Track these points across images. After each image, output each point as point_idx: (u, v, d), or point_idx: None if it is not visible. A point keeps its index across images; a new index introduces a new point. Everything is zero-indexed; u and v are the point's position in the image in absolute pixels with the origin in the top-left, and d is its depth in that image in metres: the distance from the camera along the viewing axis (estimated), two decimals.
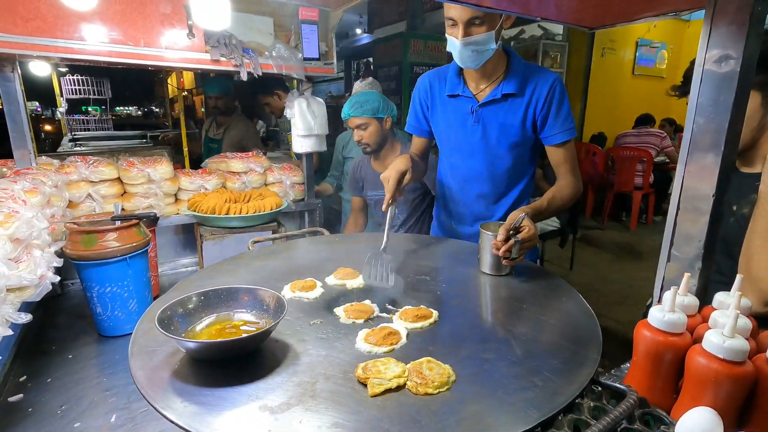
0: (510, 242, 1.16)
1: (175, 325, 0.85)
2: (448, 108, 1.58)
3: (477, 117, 1.51)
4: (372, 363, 0.79)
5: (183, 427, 0.63)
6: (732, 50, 0.73)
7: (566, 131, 1.46)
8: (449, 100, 1.57)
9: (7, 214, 1.10)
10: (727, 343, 0.64)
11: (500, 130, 1.50)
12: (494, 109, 1.49)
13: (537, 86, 1.44)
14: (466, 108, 1.53)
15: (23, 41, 1.54)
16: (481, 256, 1.26)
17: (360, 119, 2.15)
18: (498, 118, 1.49)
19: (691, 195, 0.80)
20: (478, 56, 1.38)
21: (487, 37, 1.33)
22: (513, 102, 1.46)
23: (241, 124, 3.61)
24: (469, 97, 1.52)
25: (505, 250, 1.16)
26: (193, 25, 1.82)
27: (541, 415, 0.66)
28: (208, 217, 1.80)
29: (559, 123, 1.45)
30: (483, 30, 1.32)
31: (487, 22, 1.31)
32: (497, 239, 1.17)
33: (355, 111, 2.15)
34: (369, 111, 2.13)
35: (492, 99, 1.47)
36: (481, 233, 1.24)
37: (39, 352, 1.42)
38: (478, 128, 1.52)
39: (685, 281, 0.76)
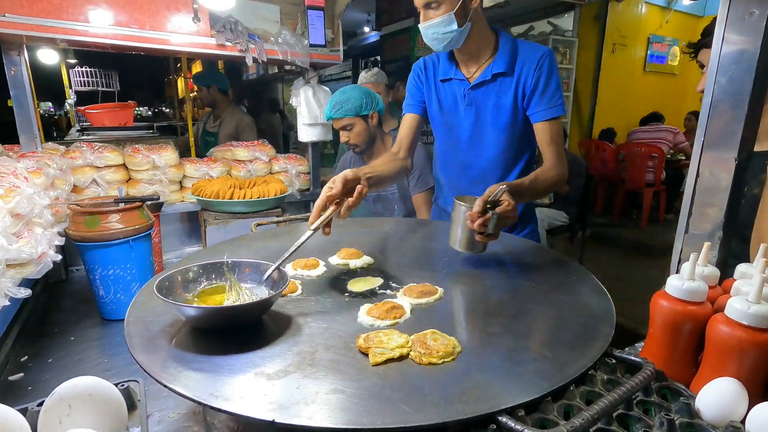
0: (487, 215, 1.05)
1: (174, 295, 0.83)
2: (441, 92, 1.56)
3: (470, 100, 1.48)
4: (374, 333, 0.76)
5: (173, 388, 0.61)
6: (756, 6, 0.69)
7: (554, 108, 1.40)
8: (442, 84, 1.55)
9: (7, 188, 1.09)
10: (753, 308, 0.60)
11: (494, 112, 1.47)
12: (486, 90, 1.46)
13: (526, 62, 1.41)
14: (459, 91, 1.50)
15: (29, 22, 1.54)
16: (452, 230, 1.14)
17: (343, 120, 2.02)
18: (490, 99, 1.46)
19: (712, 161, 0.76)
20: (441, 39, 1.36)
21: (444, 20, 1.32)
22: (504, 81, 1.43)
23: (235, 116, 3.62)
24: (461, 80, 1.49)
25: (480, 223, 1.04)
26: (199, 8, 1.81)
27: (551, 386, 0.62)
28: (212, 202, 1.79)
29: (546, 99, 1.40)
30: (440, 13, 1.31)
31: (444, 5, 1.30)
32: (473, 210, 1.05)
33: (336, 112, 2.00)
34: (351, 110, 1.99)
35: (483, 80, 1.44)
36: (456, 204, 1.12)
37: (41, 334, 1.42)
38: (471, 111, 1.49)
39: (705, 250, 0.72)
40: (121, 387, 0.56)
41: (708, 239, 0.76)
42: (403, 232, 1.47)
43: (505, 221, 1.10)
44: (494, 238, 1.10)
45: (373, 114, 2.05)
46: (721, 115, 0.73)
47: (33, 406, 0.52)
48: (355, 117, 2.01)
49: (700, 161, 0.77)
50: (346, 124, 2.02)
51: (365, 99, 2.02)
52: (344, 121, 2.01)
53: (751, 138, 0.73)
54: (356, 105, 2.00)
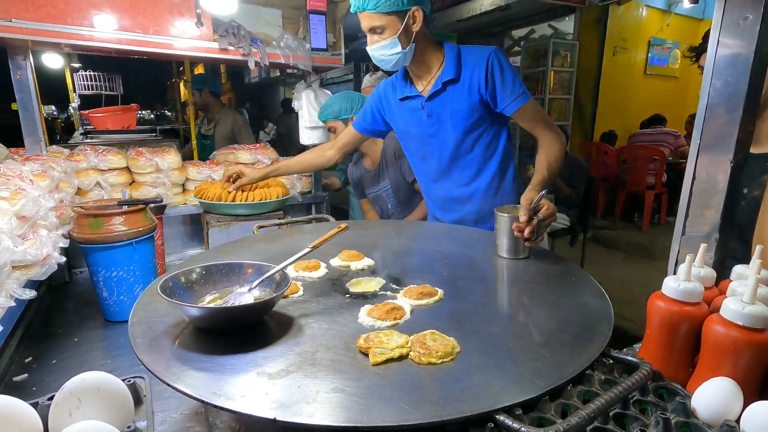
0: (533, 222, 1.14)
1: (177, 296, 0.84)
2: (402, 110, 1.64)
3: (428, 111, 1.55)
4: (374, 334, 0.77)
5: (177, 387, 0.62)
6: (750, 11, 0.70)
7: (519, 97, 1.46)
8: (401, 103, 1.62)
9: (13, 191, 1.11)
10: (747, 309, 0.60)
11: (452, 117, 1.53)
12: (440, 99, 1.53)
13: (475, 67, 1.46)
14: (417, 105, 1.58)
15: (34, 27, 1.56)
16: (499, 240, 1.22)
17: (328, 123, 2.19)
18: (446, 106, 1.53)
19: (708, 164, 0.77)
20: (387, 60, 1.44)
21: (389, 43, 1.39)
22: (455, 88, 1.50)
23: (229, 118, 3.66)
24: (416, 96, 1.57)
25: (530, 231, 1.14)
26: (202, 14, 1.83)
27: (548, 385, 0.63)
28: (214, 204, 1.80)
29: (507, 92, 1.45)
30: (386, 36, 1.39)
31: (388, 30, 1.38)
32: (521, 221, 1.14)
33: (321, 115, 2.20)
34: (331, 114, 2.14)
35: (435, 90, 1.51)
36: (498, 217, 1.21)
37: (45, 335, 1.43)
38: (432, 121, 1.57)
39: (702, 252, 0.73)
40: (127, 382, 0.57)
41: (705, 241, 0.77)
42: (403, 234, 1.48)
43: (548, 222, 1.20)
44: (540, 242, 1.21)
45: (353, 117, 2.08)
46: (717, 118, 0.74)
47: (44, 400, 0.54)
48: (335, 120, 2.15)
49: (696, 164, 0.78)
50: (330, 126, 2.19)
51: (344, 104, 2.14)
52: (329, 123, 2.19)
53: (746, 140, 0.74)
54: (335, 109, 2.13)
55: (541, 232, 1.17)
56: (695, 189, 0.79)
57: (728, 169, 0.74)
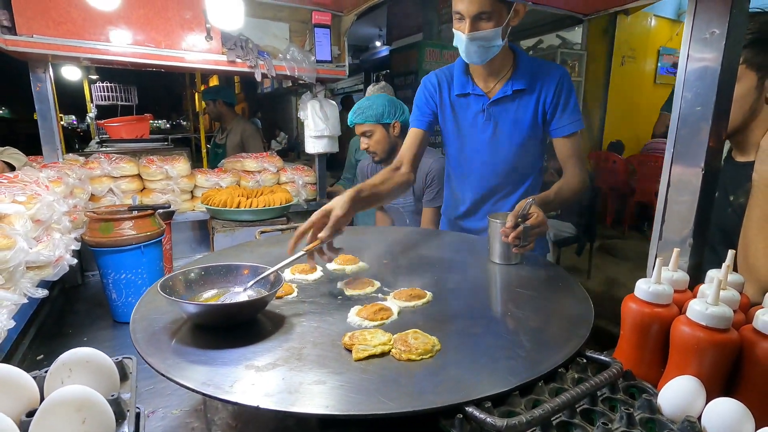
0: (519, 228, 1.16)
1: (177, 294, 0.89)
2: (457, 107, 1.58)
3: (488, 115, 1.52)
4: (359, 332, 0.80)
5: (170, 377, 0.66)
6: (717, 26, 0.74)
7: (574, 123, 1.47)
8: (458, 99, 1.57)
9: (30, 195, 1.18)
10: (710, 310, 0.63)
11: (512, 127, 1.51)
12: (505, 106, 1.50)
13: (545, 81, 1.46)
14: (477, 106, 1.54)
15: (55, 42, 1.65)
16: (491, 245, 1.25)
17: (364, 126, 2.00)
18: (509, 114, 1.50)
19: (680, 171, 0.80)
20: (484, 51, 1.38)
21: (493, 33, 1.33)
22: (523, 98, 1.48)
23: (239, 127, 3.77)
24: (479, 95, 1.52)
25: (513, 236, 1.15)
26: (211, 28, 1.92)
27: (519, 381, 0.66)
28: (219, 210, 1.87)
29: (566, 115, 1.46)
30: (490, 25, 1.32)
31: (495, 18, 1.31)
32: (506, 226, 1.17)
33: (358, 117, 2.01)
34: (372, 117, 1.98)
35: (503, 96, 1.48)
36: (490, 222, 1.24)
37: (57, 335, 1.50)
38: (490, 126, 1.53)
39: (675, 256, 0.75)
40: (115, 360, 0.64)
41: (680, 245, 0.80)
42: (398, 240, 1.52)
43: (537, 231, 1.19)
44: (530, 248, 1.20)
45: (395, 123, 2.02)
46: (689, 128, 0.77)
47: (41, 373, 0.63)
48: (375, 124, 1.99)
49: (670, 171, 0.81)
50: (366, 130, 2.01)
51: (388, 107, 2.00)
52: (364, 127, 2.00)
53: (717, 148, 0.77)
54: (378, 112, 1.98)
55: (530, 239, 1.18)
56: (670, 195, 0.81)
57: (700, 176, 0.77)
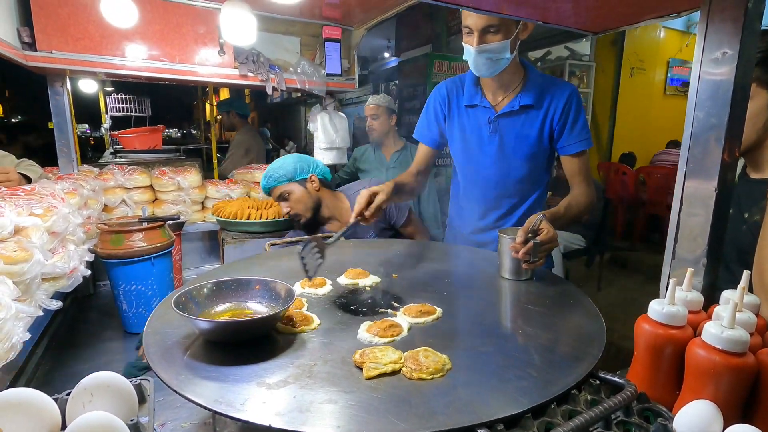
0: (529, 244, 1.14)
1: (189, 310, 0.90)
2: (464, 118, 1.59)
3: (494, 127, 1.52)
4: (370, 350, 0.80)
5: (183, 394, 0.67)
6: (728, 47, 0.74)
7: (582, 141, 1.47)
8: (466, 110, 1.58)
9: (46, 208, 1.20)
10: (726, 333, 0.62)
11: (517, 141, 1.51)
12: (512, 120, 1.50)
13: (554, 98, 1.46)
14: (484, 118, 1.54)
15: (73, 57, 1.70)
16: (501, 260, 1.24)
17: (279, 188, 1.87)
18: (515, 128, 1.51)
19: (693, 190, 0.79)
20: (492, 64, 1.40)
21: (501, 46, 1.34)
22: (530, 113, 1.48)
23: (241, 135, 3.84)
24: (486, 107, 1.53)
25: (524, 252, 1.14)
26: (224, 43, 1.96)
27: (531, 402, 0.65)
28: (230, 222, 1.89)
29: (575, 133, 1.46)
30: (498, 38, 1.33)
31: (503, 31, 1.32)
32: (516, 242, 1.16)
33: (270, 182, 1.87)
34: (285, 177, 1.86)
35: (510, 110, 1.49)
36: (500, 237, 1.23)
37: (69, 345, 1.51)
38: (495, 138, 1.54)
39: (688, 276, 0.75)
40: (133, 382, 0.64)
41: (693, 265, 0.79)
42: (406, 253, 1.52)
43: (547, 247, 1.18)
44: (540, 265, 1.19)
45: (312, 177, 1.90)
46: (701, 147, 0.77)
47: (62, 395, 0.63)
48: (289, 183, 1.86)
49: (683, 190, 0.80)
50: (282, 191, 1.87)
51: (299, 163, 1.90)
52: (280, 189, 1.87)
53: (730, 168, 0.76)
54: (288, 171, 1.87)
55: (540, 255, 1.17)
56: (683, 214, 0.81)
57: (713, 195, 0.76)
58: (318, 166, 1.96)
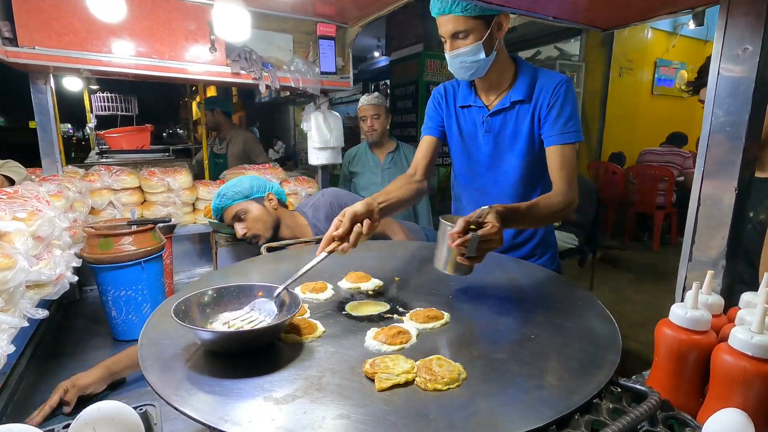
0: (467, 236, 0.99)
1: (189, 319, 0.85)
2: (461, 118, 1.59)
3: (488, 127, 1.51)
4: (380, 359, 0.77)
5: (184, 411, 0.62)
6: (749, 43, 0.72)
7: (566, 134, 1.40)
8: (462, 111, 1.57)
9: (30, 212, 1.14)
10: (756, 339, 0.60)
11: (511, 139, 1.49)
12: (504, 117, 1.48)
13: (543, 88, 1.43)
14: (478, 118, 1.53)
15: (57, 54, 1.62)
16: (437, 250, 1.08)
17: (234, 207, 1.74)
18: (508, 126, 1.49)
19: (712, 191, 0.77)
20: (469, 68, 1.39)
21: (472, 49, 1.34)
22: (522, 108, 1.46)
23: (240, 137, 3.77)
24: (480, 107, 1.52)
25: (459, 243, 0.99)
26: (216, 40, 1.90)
27: (555, 414, 0.62)
28: (223, 224, 1.83)
29: (559, 124, 1.40)
30: (468, 42, 1.34)
31: (473, 34, 1.33)
32: (453, 230, 1.00)
33: (224, 201, 1.76)
34: (240, 194, 1.76)
35: (501, 108, 1.47)
36: (441, 224, 1.06)
37: (55, 354, 1.45)
38: (490, 138, 1.52)
39: (708, 279, 0.73)
40: (139, 411, 0.58)
41: (712, 267, 0.77)
42: (406, 256, 1.48)
43: (489, 244, 1.02)
44: (478, 261, 1.04)
45: (269, 195, 1.82)
46: (720, 146, 0.75)
47: (59, 428, 0.55)
48: (245, 201, 1.75)
49: (701, 190, 0.78)
50: (238, 210, 1.75)
51: (255, 181, 1.81)
52: (235, 207, 1.74)
53: (750, 167, 0.74)
54: (244, 188, 1.78)
55: (480, 252, 1.02)
56: (701, 215, 0.79)
57: (733, 195, 0.74)
58: (274, 186, 1.86)
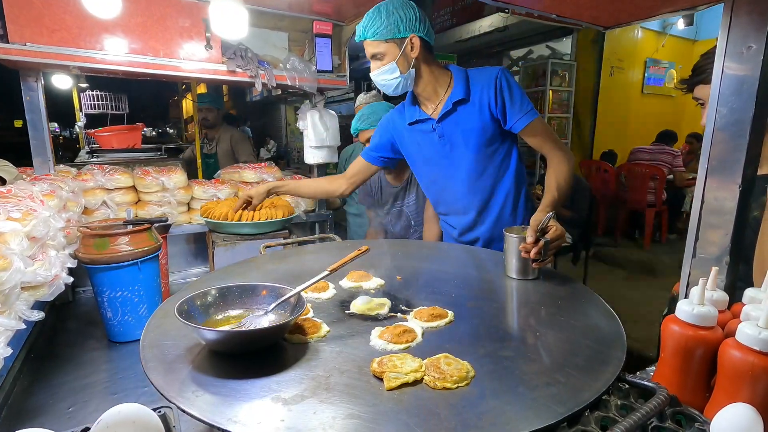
0: (540, 243, 1.14)
1: (192, 319, 0.84)
2: (414, 135, 1.66)
3: (440, 132, 1.57)
4: (388, 358, 0.76)
5: (194, 415, 0.61)
6: (753, 41, 0.73)
7: (527, 113, 1.48)
8: (411, 128, 1.65)
9: (25, 212, 1.11)
10: (763, 334, 0.61)
11: (463, 137, 1.55)
12: (452, 119, 1.55)
13: (483, 86, 1.49)
14: (428, 128, 1.60)
15: (48, 50, 1.59)
16: (507, 260, 1.22)
17: (370, 131, 2.10)
18: (458, 126, 1.55)
19: (716, 187, 0.78)
20: (389, 84, 1.49)
21: (389, 68, 1.45)
22: (465, 108, 1.53)
23: (227, 134, 3.72)
24: (427, 119, 1.59)
25: (536, 251, 1.14)
26: (211, 37, 1.87)
27: (566, 411, 0.62)
28: (220, 224, 1.81)
29: (516, 109, 1.48)
30: (385, 62, 1.45)
31: (388, 55, 1.44)
32: (527, 241, 1.15)
33: (363, 124, 2.13)
34: (377, 122, 2.00)
35: (446, 111, 1.54)
36: (506, 237, 1.21)
37: (49, 357, 1.42)
38: (445, 142, 1.58)
39: (713, 275, 0.73)
40: (159, 413, 0.56)
41: (715, 264, 0.78)
42: (410, 255, 1.48)
43: (556, 244, 1.19)
44: (549, 263, 1.20)
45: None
46: (724, 144, 0.76)
47: (77, 431, 0.53)
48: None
49: (704, 187, 0.79)
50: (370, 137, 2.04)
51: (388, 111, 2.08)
52: (369, 132, 2.09)
53: (753, 164, 0.75)
54: (380, 117, 1.99)
55: (549, 253, 1.16)
56: (704, 212, 0.80)
57: (737, 192, 0.75)
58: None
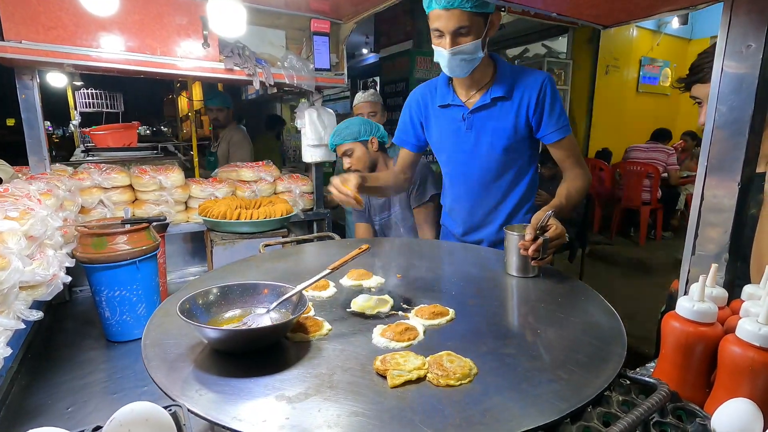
0: (539, 241, 1.14)
1: (194, 318, 0.83)
2: (440, 118, 1.60)
3: (469, 124, 1.52)
4: (390, 356, 0.76)
5: (198, 413, 0.61)
6: (753, 40, 0.73)
7: (561, 128, 1.46)
8: (441, 110, 1.59)
9: (22, 210, 1.10)
10: (763, 330, 0.61)
11: (492, 135, 1.51)
12: (485, 114, 1.50)
13: (527, 88, 1.45)
14: (458, 116, 1.54)
15: (44, 48, 1.57)
16: (507, 258, 1.23)
17: (344, 146, 2.14)
18: (490, 122, 1.50)
19: (715, 185, 0.79)
20: (466, 65, 1.39)
21: (474, 46, 1.34)
22: (503, 105, 1.48)
23: (228, 135, 3.70)
24: (459, 105, 1.53)
25: (534, 249, 1.14)
26: (209, 35, 1.86)
27: (569, 407, 0.63)
28: (218, 222, 1.80)
29: (553, 121, 1.45)
30: (470, 39, 1.33)
31: (474, 31, 1.32)
32: (525, 239, 1.15)
33: (337, 139, 2.16)
34: (350, 136, 2.13)
35: (482, 105, 1.48)
36: (507, 235, 1.22)
37: (46, 357, 1.41)
38: (471, 135, 1.53)
39: (713, 272, 0.74)
40: (169, 411, 0.56)
41: (714, 261, 0.79)
42: (410, 253, 1.48)
43: (556, 243, 1.18)
44: (549, 261, 1.19)
45: (372, 140, 2.15)
46: (723, 142, 0.77)
47: (88, 430, 0.54)
48: (354, 142, 2.12)
49: (704, 185, 0.80)
50: (347, 149, 2.13)
51: (364, 126, 2.15)
52: (345, 146, 2.13)
53: (752, 162, 0.76)
54: (354, 131, 2.12)
55: (549, 251, 1.16)
56: (704, 210, 0.80)
57: (736, 190, 0.76)
58: (379, 129, 2.20)
